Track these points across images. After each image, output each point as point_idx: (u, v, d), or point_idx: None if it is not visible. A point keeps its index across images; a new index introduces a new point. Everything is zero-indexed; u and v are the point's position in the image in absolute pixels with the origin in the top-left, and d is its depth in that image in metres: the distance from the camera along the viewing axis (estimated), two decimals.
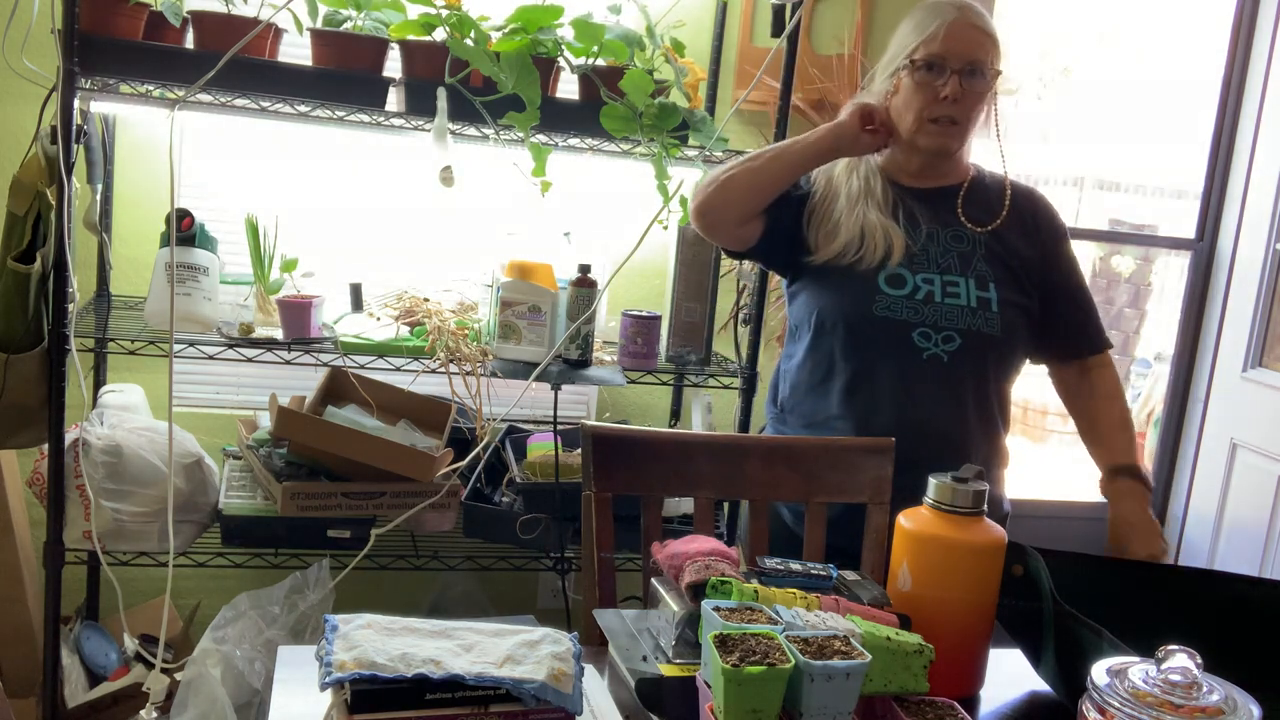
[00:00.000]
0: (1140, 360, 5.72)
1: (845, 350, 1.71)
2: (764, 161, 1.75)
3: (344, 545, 2.18)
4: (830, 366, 1.73)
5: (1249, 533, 3.02)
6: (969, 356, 1.68)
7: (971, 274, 1.71)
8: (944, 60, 1.66)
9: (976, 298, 1.69)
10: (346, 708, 0.95)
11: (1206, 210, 3.21)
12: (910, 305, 1.68)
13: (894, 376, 1.68)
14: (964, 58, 1.66)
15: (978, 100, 1.69)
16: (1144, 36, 3.60)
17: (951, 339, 1.68)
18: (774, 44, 2.20)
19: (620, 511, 1.53)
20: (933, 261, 1.71)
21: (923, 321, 1.68)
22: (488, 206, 2.53)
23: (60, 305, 1.91)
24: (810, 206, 1.79)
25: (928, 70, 1.67)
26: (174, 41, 2.00)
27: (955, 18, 1.66)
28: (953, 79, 1.66)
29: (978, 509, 1.23)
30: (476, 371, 2.11)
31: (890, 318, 1.68)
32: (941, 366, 1.68)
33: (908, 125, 1.72)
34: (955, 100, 1.66)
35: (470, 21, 2.01)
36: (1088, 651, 1.14)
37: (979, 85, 1.67)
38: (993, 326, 1.69)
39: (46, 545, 2.00)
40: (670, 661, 1.11)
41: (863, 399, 1.70)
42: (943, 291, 1.69)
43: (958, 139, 1.73)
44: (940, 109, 1.68)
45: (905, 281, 1.70)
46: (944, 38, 1.65)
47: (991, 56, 1.68)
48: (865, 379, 1.70)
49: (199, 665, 1.98)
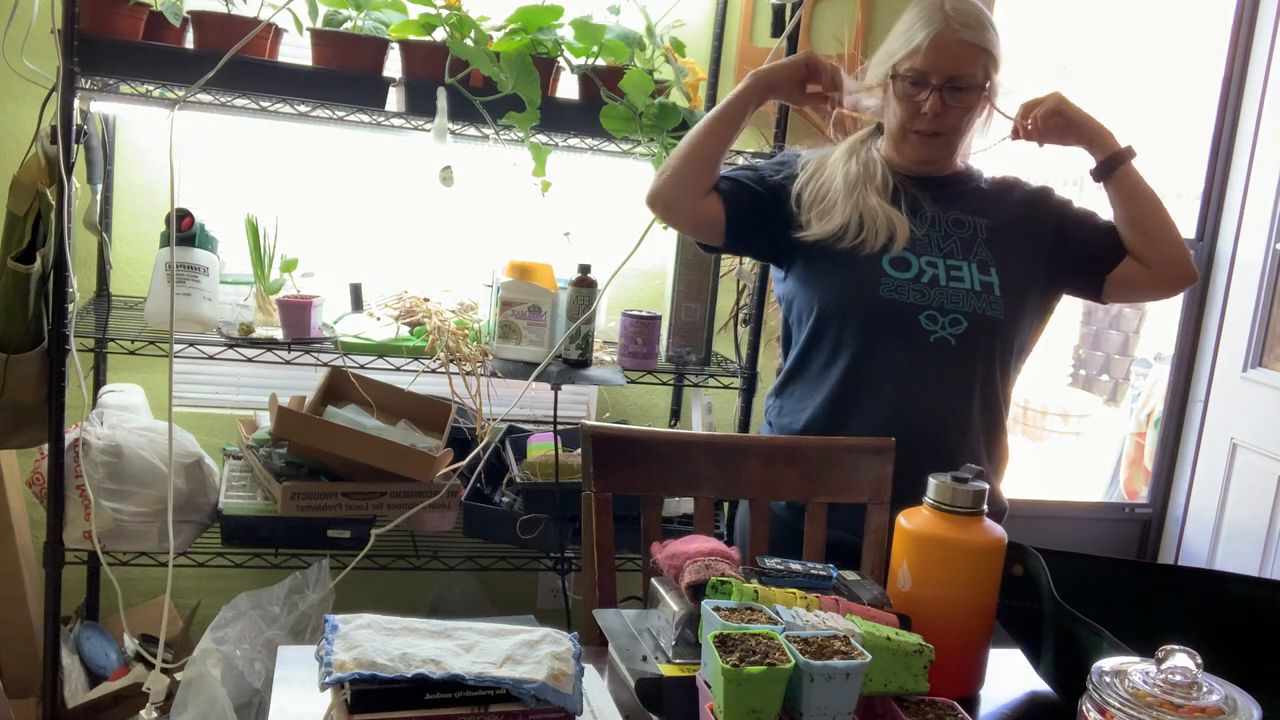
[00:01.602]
0: (1140, 360, 5.72)
1: (851, 333, 1.70)
2: (698, 127, 1.76)
3: (344, 545, 2.18)
4: (834, 350, 1.72)
5: (1249, 533, 3.02)
6: (976, 340, 1.68)
7: (974, 259, 1.71)
8: (926, 75, 1.64)
9: (980, 282, 1.69)
10: (346, 708, 0.95)
11: (1206, 210, 3.21)
12: (916, 288, 1.68)
13: (901, 359, 1.68)
14: (946, 72, 1.63)
15: (963, 113, 1.68)
16: (1144, 36, 3.60)
17: (958, 322, 1.67)
18: (774, 44, 2.20)
19: (620, 511, 1.53)
20: (935, 245, 1.71)
21: (929, 304, 1.67)
22: (488, 206, 2.53)
23: (60, 305, 1.92)
24: (798, 188, 1.77)
25: (910, 84, 1.66)
26: (174, 41, 2.00)
27: (941, 29, 1.62)
28: (934, 95, 1.64)
29: (978, 509, 1.23)
30: (476, 371, 2.11)
31: (897, 300, 1.67)
32: (948, 350, 1.67)
33: (893, 132, 1.73)
34: (937, 115, 1.65)
35: (470, 21, 2.01)
36: (1088, 651, 1.14)
37: (963, 99, 1.66)
38: (997, 310, 1.68)
39: (46, 545, 2.00)
40: (670, 661, 1.11)
41: (868, 382, 1.69)
42: (947, 275, 1.69)
43: (944, 149, 1.73)
44: (922, 122, 1.67)
45: (910, 264, 1.69)
46: (926, 51, 1.63)
47: (981, 66, 1.65)
48: (871, 362, 1.69)
49: (199, 665, 1.98)
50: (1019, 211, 1.77)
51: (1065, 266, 1.76)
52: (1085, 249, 1.76)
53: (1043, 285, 1.75)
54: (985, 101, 1.70)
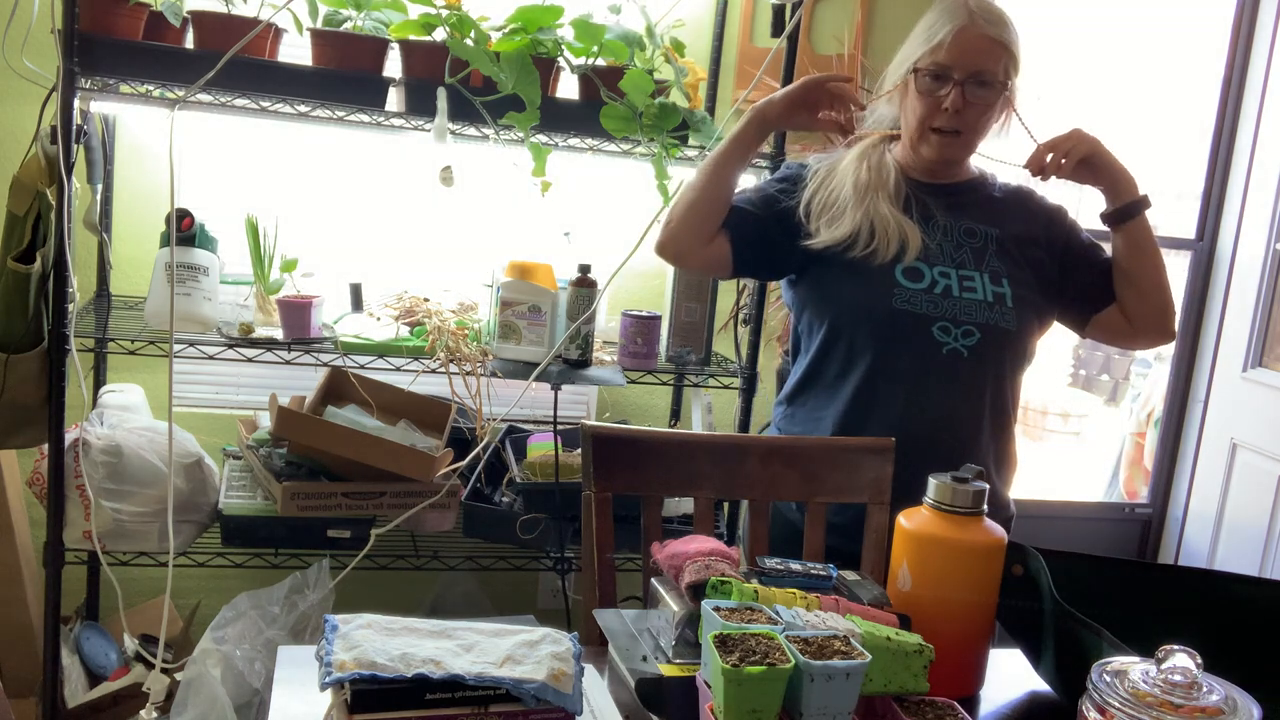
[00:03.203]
0: (1140, 360, 5.72)
1: (864, 344, 1.69)
2: (700, 171, 1.75)
3: (344, 545, 2.18)
4: (847, 361, 1.71)
5: (1249, 533, 3.02)
6: (988, 351, 1.68)
7: (985, 269, 1.70)
8: (948, 70, 1.63)
9: (992, 292, 1.68)
10: (346, 708, 0.95)
11: (1206, 210, 3.21)
12: (929, 299, 1.67)
13: (913, 370, 1.67)
14: (969, 68, 1.63)
15: (984, 110, 1.66)
16: (1144, 36, 3.59)
17: (971, 333, 1.67)
18: (774, 44, 2.20)
19: (620, 511, 1.53)
20: (947, 256, 1.70)
21: (942, 315, 1.66)
22: (488, 206, 2.53)
23: (60, 305, 1.91)
24: (807, 196, 1.75)
25: (932, 79, 1.64)
26: (174, 41, 2.00)
27: (964, 24, 1.62)
28: (955, 90, 1.63)
29: (978, 509, 1.23)
30: (476, 371, 2.11)
31: (910, 311, 1.66)
32: (961, 361, 1.67)
33: (911, 131, 1.71)
34: (957, 111, 1.64)
35: (470, 21, 2.01)
36: (1088, 651, 1.14)
37: (985, 96, 1.64)
38: (1009, 321, 1.68)
39: (46, 545, 2.00)
40: (670, 661, 1.11)
41: (881, 393, 1.68)
42: (960, 285, 1.68)
43: (962, 149, 1.71)
44: (942, 119, 1.66)
45: (923, 275, 1.68)
46: (949, 46, 1.62)
47: (1003, 65, 1.64)
48: (884, 373, 1.68)
49: (199, 665, 1.98)
50: (1032, 226, 1.76)
51: (1061, 293, 1.76)
52: (1082, 284, 1.76)
53: (1046, 300, 1.75)
54: (1005, 104, 1.68)
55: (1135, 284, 1.72)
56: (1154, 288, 1.71)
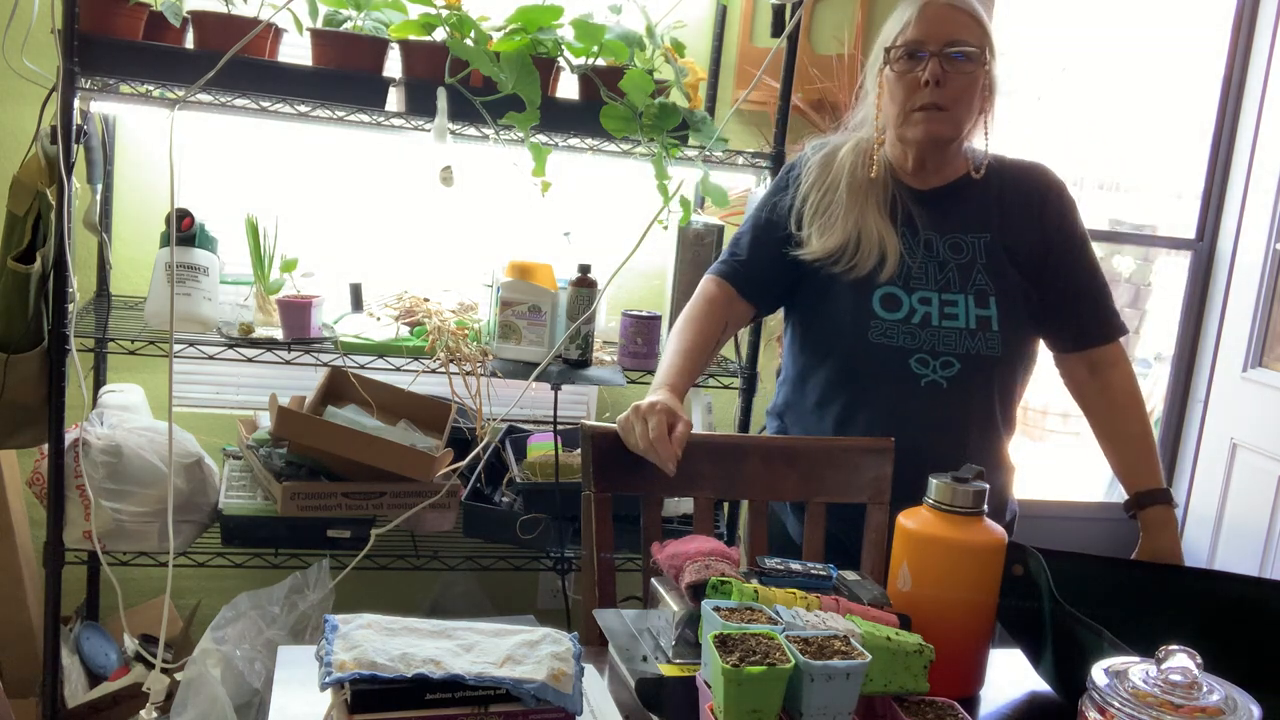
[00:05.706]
0: (1140, 360, 5.71)
1: (840, 377, 1.67)
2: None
3: (344, 545, 2.18)
4: (825, 391, 1.69)
5: (1249, 533, 3.02)
6: (971, 379, 1.63)
7: (971, 290, 1.63)
8: (921, 43, 1.58)
9: (976, 318, 1.62)
10: (346, 708, 0.95)
11: (1206, 210, 3.21)
12: (906, 330, 1.62)
13: (890, 403, 1.63)
14: (942, 38, 1.57)
15: (966, 84, 1.59)
16: (1144, 36, 3.59)
17: (950, 364, 1.62)
18: (774, 44, 2.20)
19: (620, 511, 1.53)
20: (930, 278, 1.64)
21: (919, 347, 1.62)
22: (488, 206, 2.53)
23: (60, 305, 1.92)
24: (800, 200, 1.71)
25: (908, 58, 1.59)
26: (174, 41, 2.00)
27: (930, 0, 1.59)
28: (933, 61, 1.57)
29: (978, 509, 1.23)
30: (476, 371, 2.11)
31: (886, 344, 1.62)
32: (940, 393, 1.62)
33: (894, 120, 1.64)
34: (938, 83, 1.57)
35: (470, 21, 2.01)
36: (1088, 651, 1.14)
37: (963, 66, 1.58)
38: (993, 347, 1.63)
39: (46, 545, 2.00)
40: (670, 661, 1.11)
41: (859, 426, 1.65)
42: (940, 313, 1.62)
43: (948, 126, 1.62)
44: (923, 96, 1.59)
45: (901, 303, 1.63)
46: (917, 21, 1.58)
47: (976, 35, 1.59)
48: (860, 406, 1.65)
49: (199, 665, 1.98)
50: (1036, 230, 1.67)
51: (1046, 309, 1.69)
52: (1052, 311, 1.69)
53: (1035, 307, 1.68)
54: (986, 80, 1.62)
55: (1111, 447, 1.74)
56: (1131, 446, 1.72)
